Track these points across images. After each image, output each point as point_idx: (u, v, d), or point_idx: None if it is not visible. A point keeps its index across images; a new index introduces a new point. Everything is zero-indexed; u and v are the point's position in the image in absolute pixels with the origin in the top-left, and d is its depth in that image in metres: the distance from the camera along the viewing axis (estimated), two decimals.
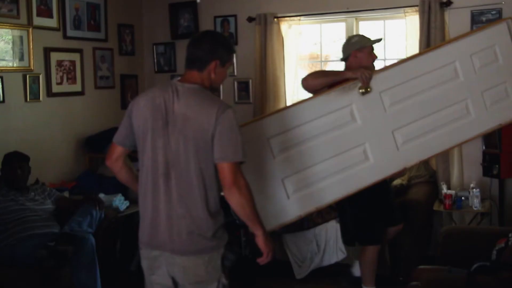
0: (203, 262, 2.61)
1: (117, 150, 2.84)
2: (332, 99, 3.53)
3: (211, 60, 2.68)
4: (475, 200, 4.64)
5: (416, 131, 3.59)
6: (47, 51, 5.21)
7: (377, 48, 3.83)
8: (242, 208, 2.63)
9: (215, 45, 2.71)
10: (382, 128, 3.56)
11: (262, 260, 2.80)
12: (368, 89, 3.50)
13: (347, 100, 3.53)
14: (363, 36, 3.98)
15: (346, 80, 3.57)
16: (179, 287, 2.67)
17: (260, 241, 2.76)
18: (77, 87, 5.59)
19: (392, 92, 3.56)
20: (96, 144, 5.63)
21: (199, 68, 2.69)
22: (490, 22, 4.74)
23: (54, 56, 5.29)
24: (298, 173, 3.52)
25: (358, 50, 3.84)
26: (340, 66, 4.06)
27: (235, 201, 2.59)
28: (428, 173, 5.16)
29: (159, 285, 2.72)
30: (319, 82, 3.64)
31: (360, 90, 3.52)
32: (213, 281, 2.64)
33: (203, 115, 2.55)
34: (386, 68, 3.69)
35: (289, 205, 3.53)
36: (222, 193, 2.64)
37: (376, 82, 3.54)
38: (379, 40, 3.95)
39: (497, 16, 4.92)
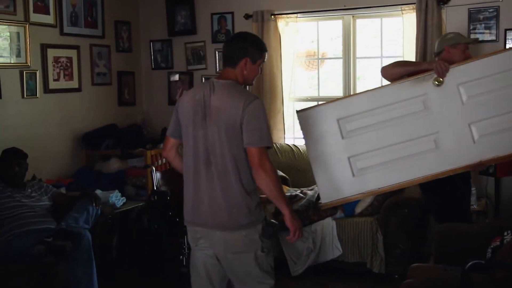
0: (240, 237, 2.91)
1: (170, 142, 3.18)
2: (407, 87, 3.60)
3: (242, 57, 2.96)
4: (471, 199, 4.65)
5: (495, 127, 3.56)
6: (44, 48, 5.20)
7: (375, 47, 3.84)
8: (269, 189, 2.91)
9: (246, 44, 3.00)
10: (457, 120, 3.57)
11: (290, 238, 3.02)
12: (441, 80, 3.54)
13: (421, 89, 3.58)
14: (459, 34, 4.05)
15: (423, 70, 3.63)
16: (219, 257, 3.01)
17: (287, 219, 2.96)
18: (74, 84, 5.59)
19: (471, 85, 3.56)
20: (93, 140, 5.63)
21: (232, 65, 2.99)
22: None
23: (51, 53, 5.28)
24: (365, 154, 3.62)
25: (452, 46, 3.91)
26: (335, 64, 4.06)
27: (262, 182, 2.88)
28: None
29: (202, 256, 3.06)
30: (397, 71, 3.76)
31: (435, 82, 3.56)
32: (250, 252, 2.93)
33: (232, 106, 2.85)
34: (466, 61, 3.69)
35: (354, 183, 3.64)
36: None
37: (454, 75, 3.56)
38: (475, 41, 4.08)
39: (495, 14, 4.93)
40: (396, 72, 3.76)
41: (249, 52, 2.98)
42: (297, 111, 3.73)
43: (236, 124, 2.83)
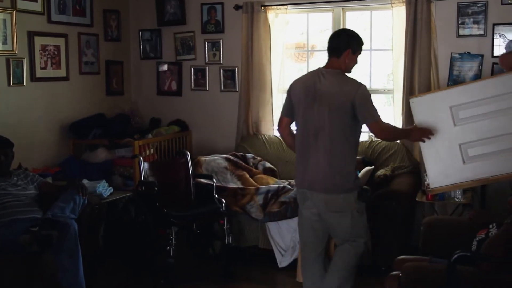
0: (339, 199, 3.54)
1: (284, 121, 3.83)
2: None
3: (345, 49, 3.55)
4: (457, 192, 4.68)
5: None
6: (31, 35, 5.15)
7: (365, 39, 3.83)
8: (393, 139, 4.57)
9: (349, 37, 3.62)
10: None
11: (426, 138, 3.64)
12: None
13: None
14: None
15: None
16: (321, 215, 3.63)
17: (414, 135, 3.69)
18: (61, 72, 5.54)
19: None
20: (80, 130, 5.59)
21: (337, 55, 3.58)
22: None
23: (38, 41, 5.23)
24: (477, 142, 3.59)
25: None
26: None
27: (387, 139, 4.62)
28: (412, 164, 5.20)
29: (308, 214, 3.69)
30: None
31: None
32: (347, 211, 3.56)
33: (343, 91, 3.48)
34: None
35: (463, 169, 3.62)
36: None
37: None
38: None
39: (483, 9, 4.95)
40: None
41: (351, 44, 3.57)
42: (410, 97, 3.82)
43: (347, 106, 3.44)
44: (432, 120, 3.65)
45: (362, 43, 3.67)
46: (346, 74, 3.64)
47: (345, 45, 3.56)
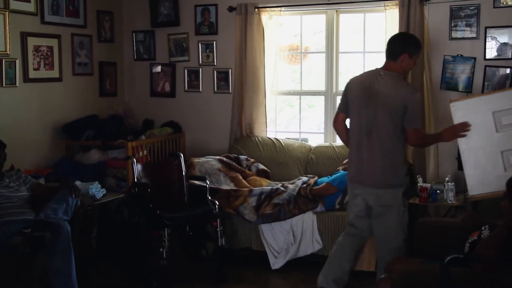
0: (389, 193, 3.74)
1: (340, 116, 3.99)
2: None
3: (401, 53, 3.70)
4: (450, 194, 4.70)
5: None
6: (24, 36, 5.13)
7: (358, 42, 3.87)
8: (424, 145, 4.63)
9: (404, 42, 3.77)
10: None
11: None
12: None
13: None
14: None
15: None
16: (372, 208, 3.82)
17: (447, 135, 3.82)
18: (54, 73, 5.52)
19: None
20: (73, 131, 5.58)
21: (394, 59, 3.73)
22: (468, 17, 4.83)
23: (31, 41, 5.21)
24: None
25: None
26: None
27: (417, 146, 4.53)
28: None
29: (358, 206, 3.89)
30: None
31: None
32: (394, 206, 3.76)
33: (399, 94, 3.65)
34: None
35: (505, 177, 3.47)
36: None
37: None
38: None
39: (475, 12, 4.98)
40: None
41: (407, 48, 3.71)
42: (451, 100, 3.83)
43: (400, 108, 3.61)
44: (473, 126, 3.65)
45: (419, 47, 3.82)
46: (403, 77, 3.87)
47: (400, 49, 3.71)
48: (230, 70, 6.02)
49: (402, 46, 3.73)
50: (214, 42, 6.07)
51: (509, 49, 4.91)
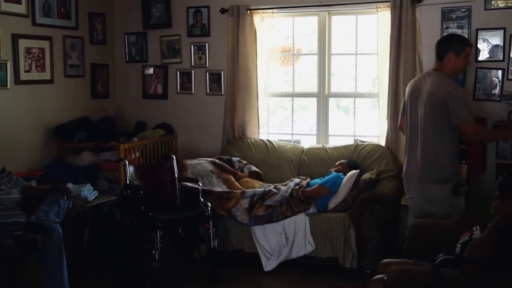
0: (433, 188, 3.87)
1: (402, 118, 4.21)
2: None
3: (446, 53, 3.87)
4: None
5: None
6: (15, 38, 5.11)
7: (350, 44, 3.88)
8: (487, 140, 4.54)
9: (449, 42, 3.93)
10: None
11: None
12: None
13: None
14: None
15: None
16: (419, 203, 3.97)
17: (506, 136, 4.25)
18: (46, 75, 5.50)
19: None
20: (65, 133, 5.56)
21: (440, 59, 3.92)
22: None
23: (23, 43, 5.19)
24: None
25: None
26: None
27: (479, 141, 4.43)
28: (397, 168, 5.22)
29: (410, 199, 4.09)
30: None
31: None
32: (439, 202, 3.85)
33: (439, 90, 3.79)
34: None
35: None
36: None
37: None
38: None
39: (467, 14, 5.00)
40: None
41: (451, 48, 3.85)
42: None
43: (441, 105, 3.75)
44: None
45: (465, 44, 3.91)
46: (452, 76, 4.00)
47: (445, 49, 3.88)
48: (222, 72, 6.02)
49: (446, 46, 3.89)
50: (207, 44, 6.07)
51: (501, 51, 4.93)
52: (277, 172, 5.60)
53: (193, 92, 6.21)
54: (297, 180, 5.19)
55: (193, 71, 6.17)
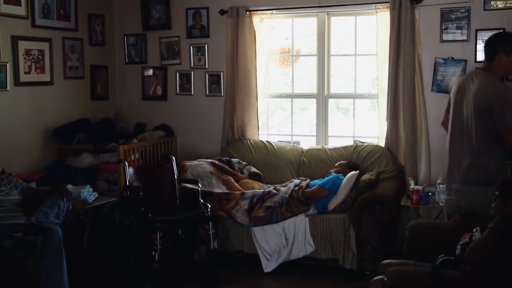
0: (477, 190, 3.69)
1: (446, 116, 4.08)
2: None
3: (496, 53, 3.69)
4: (441, 196, 4.70)
5: None
6: (14, 40, 5.11)
7: (349, 44, 3.87)
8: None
9: (500, 40, 3.75)
10: None
11: None
12: None
13: None
14: None
15: None
16: (461, 204, 3.80)
17: None
18: (45, 77, 5.50)
19: None
20: (64, 135, 5.56)
21: (490, 59, 3.73)
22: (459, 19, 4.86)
23: (22, 45, 5.19)
24: None
25: None
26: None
27: None
28: (396, 169, 5.23)
29: (450, 200, 3.94)
30: None
31: None
32: (480, 203, 3.60)
33: (485, 93, 3.64)
34: None
35: None
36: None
37: None
38: None
39: (466, 15, 5.00)
40: None
41: (502, 48, 3.67)
42: None
43: (486, 108, 3.59)
44: None
45: None
46: (500, 77, 3.87)
47: (494, 49, 3.70)
48: (221, 73, 6.02)
49: (496, 45, 3.70)
50: (206, 45, 6.07)
51: None
52: (277, 173, 5.60)
53: (192, 93, 6.21)
54: (296, 181, 5.19)
55: (192, 72, 6.17)
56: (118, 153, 5.39)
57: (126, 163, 4.84)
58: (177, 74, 6.24)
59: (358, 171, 5.07)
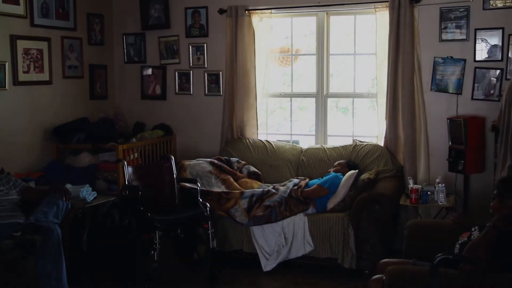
0: None
1: (500, 115, 4.04)
2: None
3: None
4: (440, 195, 4.72)
5: None
6: (13, 39, 5.11)
7: (348, 44, 3.85)
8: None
9: None
10: None
11: None
12: None
13: None
14: None
15: None
16: None
17: None
18: (44, 76, 5.50)
19: None
20: (63, 134, 5.56)
21: None
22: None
23: (21, 44, 5.19)
24: None
25: None
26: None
27: None
28: (396, 168, 5.23)
29: None
30: None
31: None
32: None
33: None
34: None
35: None
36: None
37: None
38: None
39: (465, 14, 5.00)
40: None
41: None
42: None
43: None
44: None
45: None
46: None
47: None
48: (221, 73, 6.02)
49: None
50: (205, 44, 6.07)
51: (499, 51, 4.93)
52: (276, 173, 5.60)
53: (191, 92, 6.21)
54: (295, 180, 5.19)
55: (191, 71, 6.17)
56: (117, 152, 5.39)
57: (125, 163, 4.84)
58: (176, 73, 6.23)
59: (357, 170, 5.07)
